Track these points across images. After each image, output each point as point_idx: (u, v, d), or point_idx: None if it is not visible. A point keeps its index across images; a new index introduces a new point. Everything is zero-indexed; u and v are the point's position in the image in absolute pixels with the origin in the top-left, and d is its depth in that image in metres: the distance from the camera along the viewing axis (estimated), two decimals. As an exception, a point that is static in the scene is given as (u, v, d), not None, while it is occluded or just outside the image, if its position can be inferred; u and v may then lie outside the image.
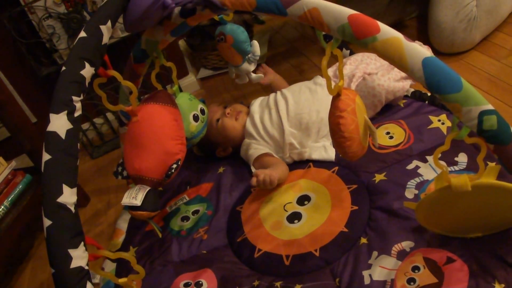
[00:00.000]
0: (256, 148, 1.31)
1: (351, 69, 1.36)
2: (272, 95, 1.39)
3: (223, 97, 1.97)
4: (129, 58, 1.08)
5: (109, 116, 2.00)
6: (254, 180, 1.13)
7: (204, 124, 1.21)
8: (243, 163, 1.36)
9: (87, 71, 0.78)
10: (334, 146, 0.94)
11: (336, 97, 0.86)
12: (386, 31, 0.70)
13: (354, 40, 0.72)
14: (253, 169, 1.29)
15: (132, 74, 1.09)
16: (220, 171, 1.38)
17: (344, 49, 1.54)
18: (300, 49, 2.08)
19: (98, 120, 1.99)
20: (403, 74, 1.29)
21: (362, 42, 0.71)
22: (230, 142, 1.39)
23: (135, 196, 0.91)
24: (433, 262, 0.84)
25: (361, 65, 1.36)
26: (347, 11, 0.71)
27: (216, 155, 1.43)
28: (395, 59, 0.70)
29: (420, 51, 0.69)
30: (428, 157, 1.10)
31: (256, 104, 1.40)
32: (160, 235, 1.09)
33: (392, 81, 1.28)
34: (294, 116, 1.28)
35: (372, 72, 1.33)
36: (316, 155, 1.25)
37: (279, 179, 1.17)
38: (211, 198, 1.30)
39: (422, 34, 1.56)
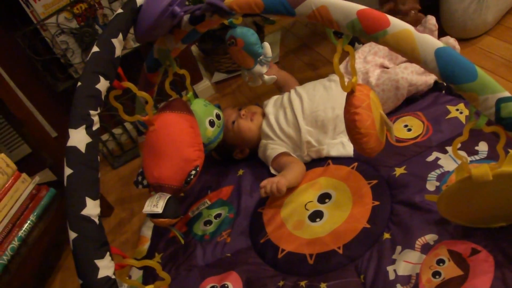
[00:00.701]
0: (273, 148, 1.31)
1: (360, 62, 1.35)
2: (286, 94, 1.39)
3: (238, 99, 1.98)
4: (142, 68, 1.09)
5: (128, 126, 2.02)
6: (262, 192, 1.14)
7: (220, 129, 1.22)
8: (262, 165, 1.37)
9: (102, 84, 0.80)
10: (352, 143, 0.93)
11: (350, 94, 0.86)
12: (396, 24, 0.70)
13: (365, 35, 0.71)
14: (271, 170, 1.30)
15: (147, 84, 1.10)
16: (240, 173, 1.38)
17: (356, 44, 1.53)
18: (312, 46, 2.07)
19: (117, 131, 2.02)
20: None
21: (373, 36, 0.71)
22: (246, 144, 1.39)
23: (156, 204, 0.93)
24: (457, 254, 0.83)
25: (369, 56, 1.35)
26: (356, 7, 0.71)
27: (234, 158, 1.44)
28: (408, 52, 0.70)
29: (432, 41, 0.69)
30: (448, 148, 1.09)
31: (270, 105, 1.40)
32: (182, 242, 1.10)
33: (415, 74, 1.26)
34: (309, 114, 1.28)
35: (384, 62, 1.32)
36: (334, 152, 1.25)
37: (290, 184, 1.17)
38: (232, 201, 1.31)
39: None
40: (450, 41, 1.29)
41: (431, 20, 1.33)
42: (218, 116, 1.22)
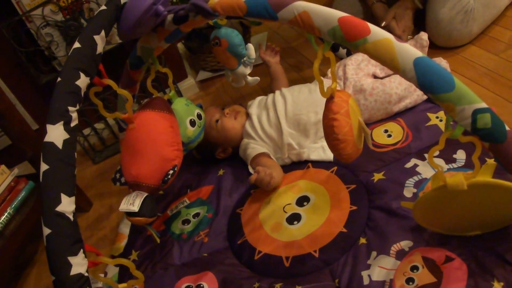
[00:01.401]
0: (254, 148, 1.31)
1: (353, 68, 1.36)
2: (270, 96, 1.39)
3: (222, 98, 1.97)
4: (125, 65, 1.08)
5: (110, 121, 2.00)
6: (254, 177, 1.13)
7: (201, 129, 1.21)
8: (243, 166, 1.36)
9: (83, 81, 0.79)
10: (329, 148, 0.94)
11: (330, 100, 0.86)
12: (377, 32, 0.70)
13: (345, 42, 0.72)
14: (250, 169, 1.30)
15: (129, 80, 1.09)
16: (220, 173, 1.38)
17: (341, 48, 1.54)
18: (297, 48, 2.08)
19: (99, 125, 2.00)
20: None
21: (353, 44, 0.71)
22: (229, 143, 1.39)
23: (132, 203, 0.92)
24: (432, 261, 0.84)
25: (363, 63, 1.36)
26: (337, 14, 0.71)
27: (215, 157, 1.43)
28: (387, 60, 0.70)
29: (412, 51, 0.69)
30: (426, 155, 1.10)
31: (254, 105, 1.40)
32: (158, 241, 1.10)
33: (407, 91, 1.27)
34: (292, 116, 1.28)
35: (375, 71, 1.33)
36: (314, 156, 1.25)
37: (276, 183, 1.17)
38: (211, 201, 1.30)
39: (420, 28, 1.56)
40: (442, 63, 1.31)
41: (423, 36, 1.35)
42: (199, 116, 1.22)
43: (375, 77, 1.37)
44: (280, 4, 0.75)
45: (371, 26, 0.70)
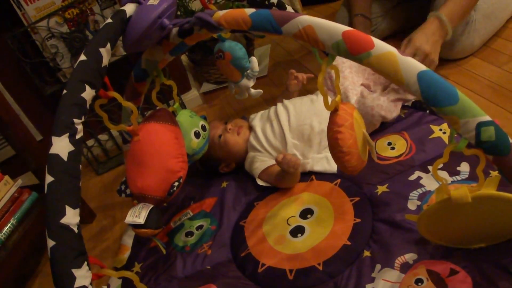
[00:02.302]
0: (263, 160, 1.31)
1: (351, 77, 1.36)
2: (272, 108, 1.40)
3: (226, 110, 1.98)
4: (130, 77, 1.09)
5: (114, 132, 2.01)
6: (280, 156, 1.16)
7: (205, 140, 1.22)
8: (246, 177, 1.37)
9: (88, 93, 0.80)
10: (334, 161, 0.94)
11: (334, 112, 0.87)
12: (380, 46, 0.70)
13: (349, 56, 0.72)
14: (259, 182, 1.30)
15: (134, 93, 1.10)
16: (224, 185, 1.38)
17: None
18: (300, 61, 2.09)
19: (102, 137, 2.01)
20: (398, 95, 1.30)
21: (357, 58, 0.71)
22: (233, 158, 1.39)
23: (138, 215, 0.92)
24: (436, 274, 0.84)
25: (360, 68, 1.37)
26: (341, 28, 0.72)
27: (219, 171, 1.43)
28: (391, 74, 0.71)
29: (415, 64, 0.69)
30: (430, 167, 1.10)
31: (257, 118, 1.40)
32: (164, 252, 1.10)
33: (388, 102, 1.28)
34: (296, 127, 1.29)
35: (368, 82, 1.34)
36: (318, 167, 1.26)
37: (297, 175, 1.20)
38: (214, 213, 1.30)
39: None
40: None
41: None
42: (203, 128, 1.22)
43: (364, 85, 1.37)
44: (285, 18, 0.76)
45: (375, 40, 0.71)
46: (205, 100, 2.15)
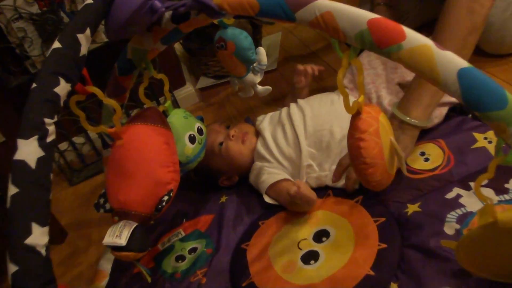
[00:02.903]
0: (271, 172, 1.31)
1: (385, 74, 1.36)
2: (284, 109, 1.40)
3: (226, 111, 1.99)
4: (113, 69, 1.10)
5: (92, 134, 2.02)
6: (293, 189, 1.14)
7: (202, 146, 1.22)
8: (250, 191, 1.37)
9: (62, 88, 0.80)
10: (355, 174, 0.94)
11: (356, 116, 0.87)
12: (413, 37, 0.70)
13: (375, 49, 0.72)
14: (266, 199, 1.30)
15: (117, 88, 1.11)
16: (223, 200, 1.39)
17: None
18: (317, 53, 2.09)
19: (78, 139, 2.02)
20: (445, 98, 1.28)
21: (385, 51, 0.72)
22: (235, 170, 1.40)
23: (119, 234, 0.92)
24: (477, 313, 0.84)
25: (398, 64, 1.37)
26: (367, 15, 0.72)
27: (218, 185, 1.44)
28: (425, 71, 0.71)
29: (455, 60, 0.69)
30: (472, 184, 1.10)
31: (266, 121, 1.40)
32: (149, 280, 1.10)
33: (390, 95, 1.29)
34: (313, 133, 1.29)
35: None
36: (337, 181, 1.26)
37: (313, 202, 1.18)
38: (211, 234, 1.31)
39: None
40: None
41: None
42: (200, 131, 1.23)
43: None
44: (299, 2, 0.76)
45: (407, 31, 0.71)
46: (202, 98, 2.16)
